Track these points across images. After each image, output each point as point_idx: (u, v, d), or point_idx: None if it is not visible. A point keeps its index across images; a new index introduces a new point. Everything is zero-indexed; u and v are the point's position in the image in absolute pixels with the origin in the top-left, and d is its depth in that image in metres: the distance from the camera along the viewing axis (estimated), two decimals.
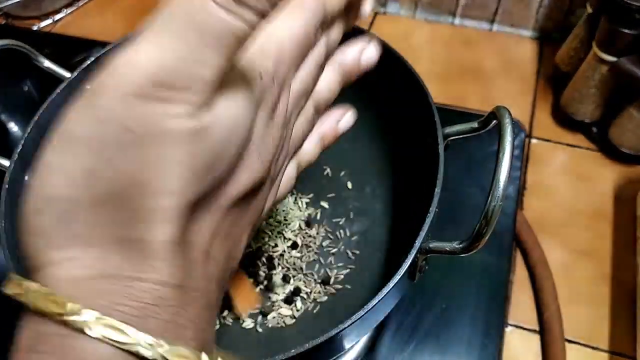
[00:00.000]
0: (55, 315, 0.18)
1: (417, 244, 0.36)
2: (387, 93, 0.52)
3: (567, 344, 0.53)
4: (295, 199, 0.58)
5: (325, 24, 0.29)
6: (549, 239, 0.60)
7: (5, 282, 0.20)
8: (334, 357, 0.46)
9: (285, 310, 0.50)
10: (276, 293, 0.51)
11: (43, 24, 0.89)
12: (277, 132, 0.26)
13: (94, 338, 0.18)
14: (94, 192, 0.19)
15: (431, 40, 0.82)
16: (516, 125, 0.68)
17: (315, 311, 0.50)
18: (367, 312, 0.35)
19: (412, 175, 0.49)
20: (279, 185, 0.31)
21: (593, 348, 0.54)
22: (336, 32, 0.31)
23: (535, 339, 0.55)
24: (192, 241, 0.21)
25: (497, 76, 0.77)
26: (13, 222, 0.43)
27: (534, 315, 0.56)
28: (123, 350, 0.18)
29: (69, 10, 0.90)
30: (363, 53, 0.33)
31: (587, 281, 0.58)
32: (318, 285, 0.52)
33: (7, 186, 0.44)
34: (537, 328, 0.55)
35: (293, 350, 0.34)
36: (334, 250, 0.54)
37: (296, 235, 0.55)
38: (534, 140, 0.70)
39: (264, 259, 0.53)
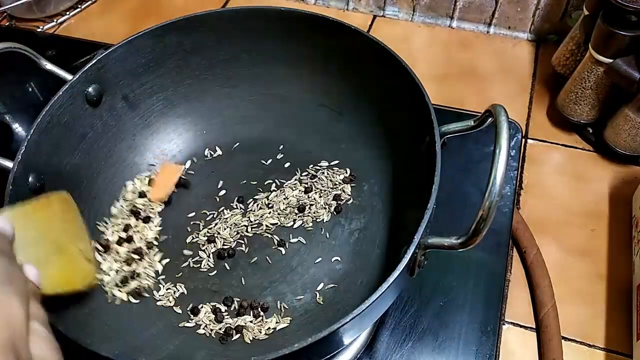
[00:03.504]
0: None
1: (416, 239, 0.36)
2: (386, 93, 0.53)
3: (563, 341, 0.54)
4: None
5: None
6: (545, 238, 0.61)
7: None
8: (334, 353, 0.46)
9: (286, 305, 0.51)
10: None
11: (47, 26, 0.89)
12: None
13: None
14: None
15: (429, 43, 0.83)
16: (513, 126, 0.68)
17: (315, 307, 0.51)
18: (368, 306, 0.35)
19: (411, 173, 0.50)
20: None
21: (589, 345, 0.54)
22: None
23: (532, 337, 0.55)
24: None
25: (494, 78, 0.78)
26: None
27: (530, 313, 0.57)
28: None
29: (72, 13, 0.91)
30: None
31: (583, 280, 0.59)
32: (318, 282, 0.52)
33: (10, 187, 0.44)
34: (533, 326, 0.56)
35: (296, 345, 0.34)
36: (333, 247, 0.54)
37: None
38: (530, 141, 0.70)
39: None
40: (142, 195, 0.57)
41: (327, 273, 0.53)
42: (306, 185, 0.59)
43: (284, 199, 0.58)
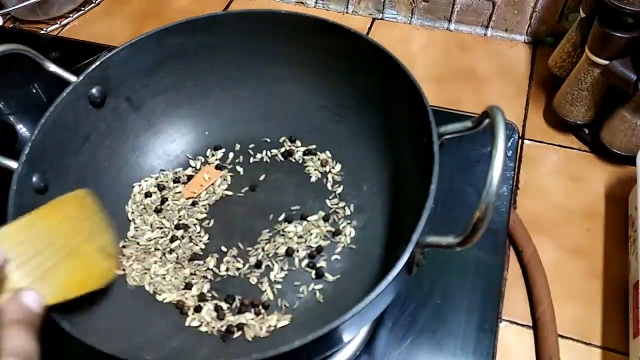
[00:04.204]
0: None
1: (415, 237, 0.37)
2: (385, 95, 0.54)
3: (560, 339, 0.55)
4: None
5: None
6: (542, 237, 0.62)
7: None
8: (333, 351, 0.47)
9: (287, 303, 0.52)
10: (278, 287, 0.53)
11: (50, 28, 0.90)
12: None
13: None
14: None
15: (427, 45, 0.84)
16: (509, 127, 0.69)
17: (315, 305, 0.51)
18: (367, 304, 0.36)
19: (409, 173, 0.51)
20: None
21: (586, 344, 0.55)
22: None
23: (529, 334, 0.56)
24: None
25: (491, 80, 0.78)
26: None
27: (527, 311, 0.57)
28: None
29: (75, 15, 0.91)
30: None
31: (580, 278, 0.59)
32: (319, 280, 0.53)
33: (15, 187, 0.45)
34: (530, 323, 0.57)
35: (297, 342, 0.35)
36: (333, 246, 0.55)
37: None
38: (527, 142, 0.71)
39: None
40: (147, 195, 0.58)
41: (328, 271, 0.53)
42: None
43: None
